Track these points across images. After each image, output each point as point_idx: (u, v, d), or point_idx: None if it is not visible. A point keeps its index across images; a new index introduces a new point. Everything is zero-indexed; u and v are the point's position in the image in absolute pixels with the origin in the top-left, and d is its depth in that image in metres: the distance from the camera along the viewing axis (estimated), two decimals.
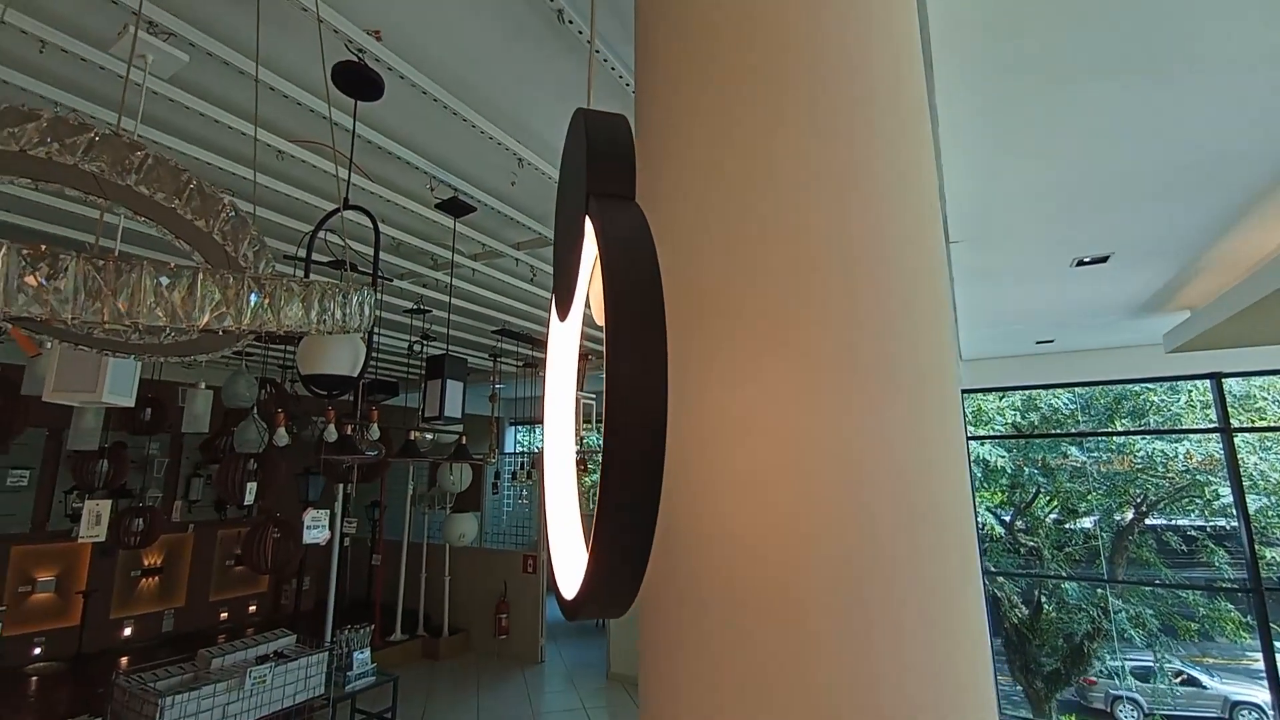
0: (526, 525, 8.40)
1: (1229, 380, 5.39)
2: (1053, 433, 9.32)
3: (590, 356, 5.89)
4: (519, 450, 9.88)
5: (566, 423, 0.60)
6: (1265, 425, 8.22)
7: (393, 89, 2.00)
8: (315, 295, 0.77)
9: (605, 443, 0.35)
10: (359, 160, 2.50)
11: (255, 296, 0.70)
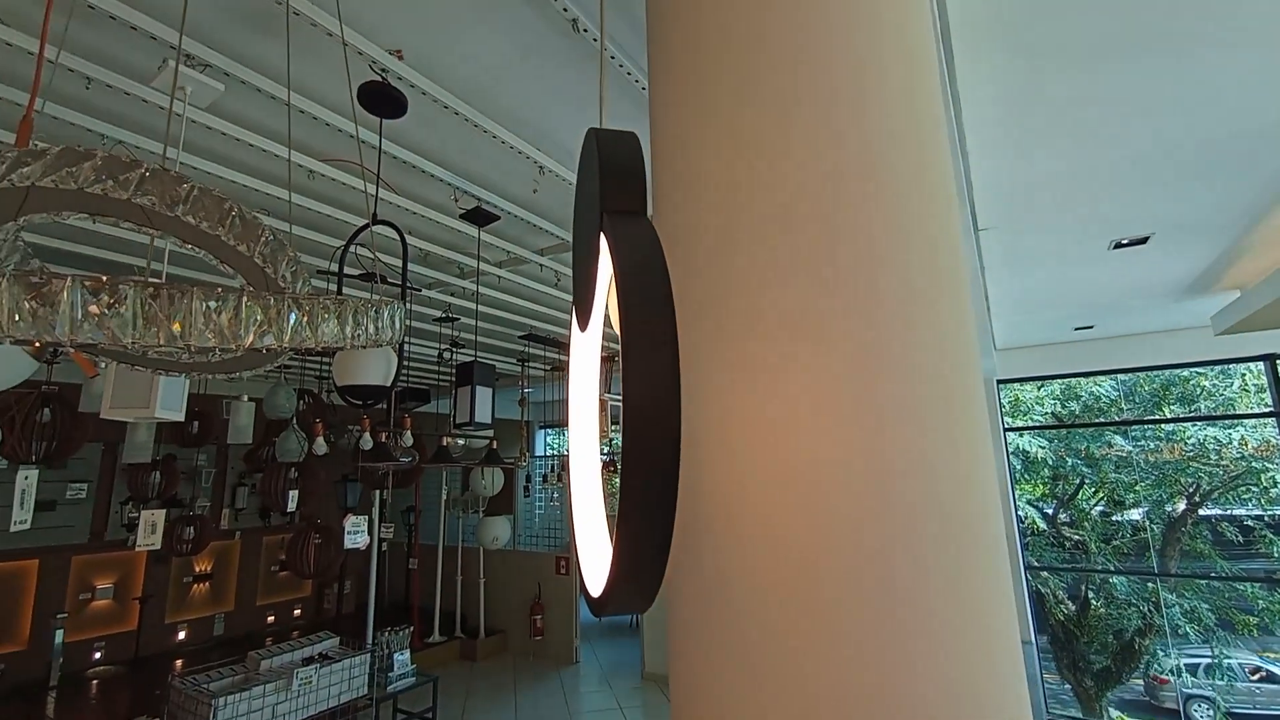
0: (558, 527, 8.48)
1: None
2: (1096, 421, 8.99)
3: (616, 359, 5.92)
4: (549, 453, 9.98)
5: (590, 430, 0.62)
6: None
7: (415, 105, 2.06)
8: (349, 311, 0.81)
9: (624, 453, 0.37)
10: (386, 175, 2.58)
11: (294, 315, 0.74)
